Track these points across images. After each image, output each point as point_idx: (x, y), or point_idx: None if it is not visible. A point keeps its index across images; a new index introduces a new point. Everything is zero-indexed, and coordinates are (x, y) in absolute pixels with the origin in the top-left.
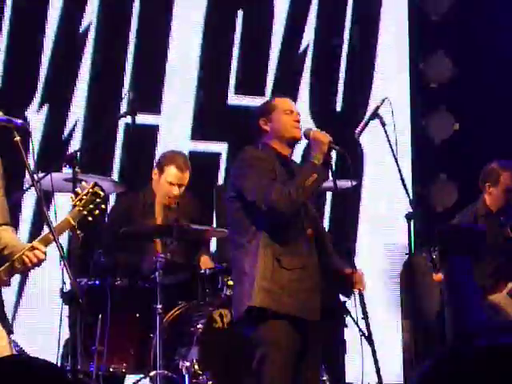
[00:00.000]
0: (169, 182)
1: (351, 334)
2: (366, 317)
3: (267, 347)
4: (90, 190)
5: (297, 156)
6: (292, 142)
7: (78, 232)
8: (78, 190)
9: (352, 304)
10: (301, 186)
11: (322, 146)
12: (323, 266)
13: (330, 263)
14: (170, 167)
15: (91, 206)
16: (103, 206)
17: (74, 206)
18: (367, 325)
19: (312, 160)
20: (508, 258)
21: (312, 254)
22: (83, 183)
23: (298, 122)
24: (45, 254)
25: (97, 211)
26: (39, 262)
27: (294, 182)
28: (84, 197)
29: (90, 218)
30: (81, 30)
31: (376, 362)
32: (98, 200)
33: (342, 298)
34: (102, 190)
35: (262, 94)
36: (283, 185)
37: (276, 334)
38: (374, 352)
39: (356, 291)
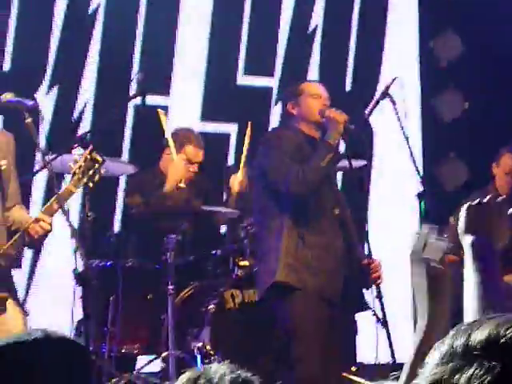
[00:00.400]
0: (188, 160)
1: (363, 315)
2: (383, 312)
3: (292, 323)
4: (88, 157)
5: None
6: (317, 127)
7: (89, 214)
8: (75, 157)
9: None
10: (315, 166)
11: (338, 125)
12: (347, 250)
13: (354, 251)
14: (188, 146)
15: (90, 173)
16: (102, 171)
17: (74, 174)
18: (384, 318)
19: (328, 140)
20: None
21: (337, 235)
22: (80, 149)
23: (325, 106)
24: (50, 224)
25: (96, 177)
26: (45, 233)
27: (309, 163)
28: (82, 163)
29: (90, 184)
30: (90, 11)
31: (390, 343)
32: (96, 165)
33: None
34: (100, 155)
35: (271, 74)
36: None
37: (300, 311)
38: (388, 334)
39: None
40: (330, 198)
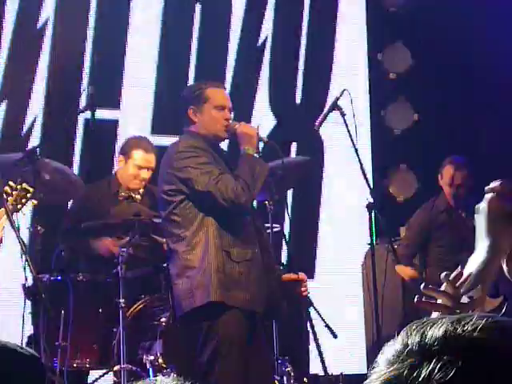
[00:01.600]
0: (138, 166)
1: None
2: (310, 320)
3: (221, 341)
4: (19, 187)
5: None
6: (217, 141)
7: (39, 228)
8: (6, 188)
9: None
10: (254, 178)
11: (251, 138)
12: (265, 262)
13: (270, 261)
14: (137, 151)
15: (22, 201)
16: (34, 201)
17: (6, 201)
18: (312, 329)
19: (248, 152)
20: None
21: (256, 246)
22: (10, 182)
23: (228, 120)
24: None
25: (28, 205)
26: None
27: (245, 174)
28: (14, 192)
29: (23, 212)
30: (38, 25)
31: (320, 352)
32: (28, 195)
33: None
34: (31, 186)
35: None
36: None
37: (230, 328)
38: (317, 344)
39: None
40: (247, 210)
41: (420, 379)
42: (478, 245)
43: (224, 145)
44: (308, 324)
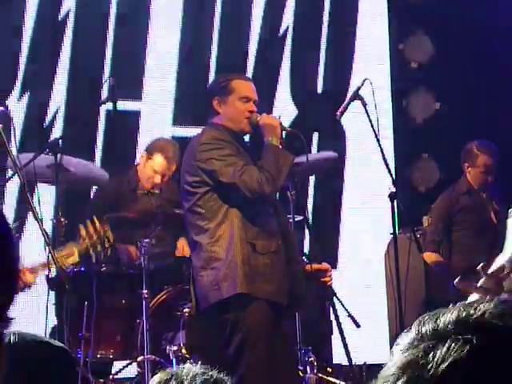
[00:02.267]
0: (154, 170)
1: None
2: (335, 311)
3: (248, 332)
4: (102, 233)
5: None
6: (240, 132)
7: (62, 219)
8: (88, 226)
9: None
10: (278, 168)
11: (274, 129)
12: (288, 254)
13: (294, 253)
14: (158, 155)
15: (98, 248)
16: (108, 252)
17: (83, 239)
18: (337, 319)
19: (272, 143)
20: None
21: (279, 238)
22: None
23: (252, 112)
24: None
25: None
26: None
27: (269, 165)
28: (94, 235)
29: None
30: (60, 17)
31: (344, 343)
32: (106, 244)
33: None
34: (113, 235)
35: None
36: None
37: (257, 319)
38: (342, 334)
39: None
40: (270, 201)
41: (436, 359)
42: (506, 248)
43: (247, 136)
44: (332, 314)
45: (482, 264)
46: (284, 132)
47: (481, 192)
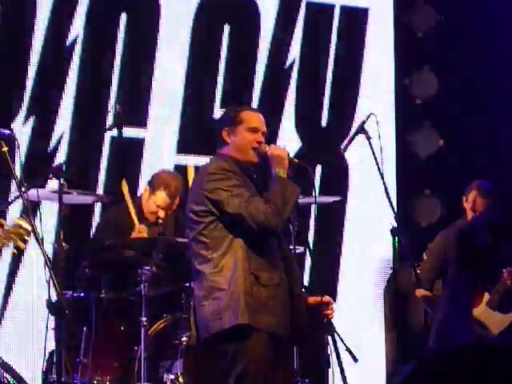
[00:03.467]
0: (157, 205)
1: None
2: (335, 344)
3: (249, 364)
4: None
5: None
6: (248, 163)
7: (63, 244)
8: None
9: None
10: (284, 201)
11: (282, 161)
12: (291, 288)
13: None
14: (161, 192)
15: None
16: (27, 239)
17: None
18: (337, 354)
19: (279, 175)
20: (485, 270)
21: (283, 270)
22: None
23: (260, 143)
24: None
25: (24, 243)
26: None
27: (276, 197)
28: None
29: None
30: (68, 42)
31: (344, 377)
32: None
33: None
34: (30, 223)
35: None
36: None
37: (258, 351)
38: (341, 368)
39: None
40: (275, 234)
41: None
42: None
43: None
44: (332, 347)
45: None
46: (292, 164)
47: None
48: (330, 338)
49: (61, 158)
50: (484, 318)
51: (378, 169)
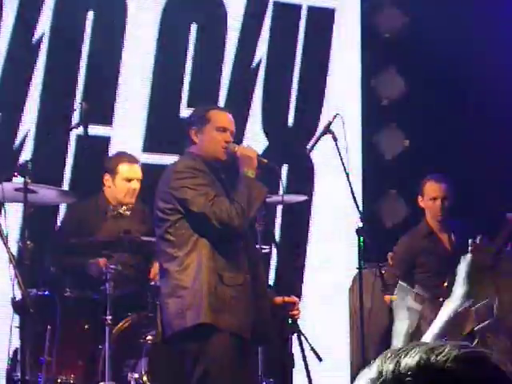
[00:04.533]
0: (126, 179)
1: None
2: (301, 344)
3: (210, 363)
4: None
5: None
6: (215, 162)
7: (28, 242)
8: None
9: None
10: (250, 201)
11: (251, 161)
12: (254, 287)
13: (264, 287)
14: (122, 165)
15: None
16: None
17: None
18: (303, 353)
19: (247, 175)
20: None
21: (247, 271)
22: None
23: (229, 142)
24: None
25: None
26: None
27: (241, 198)
28: None
29: None
30: (34, 40)
31: (309, 376)
32: None
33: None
34: None
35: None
36: (228, 198)
37: (220, 350)
38: (307, 368)
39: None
40: (240, 234)
41: None
42: (455, 291)
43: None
44: (298, 347)
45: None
46: (261, 164)
47: (442, 233)
48: (294, 337)
49: (26, 155)
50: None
51: (344, 169)
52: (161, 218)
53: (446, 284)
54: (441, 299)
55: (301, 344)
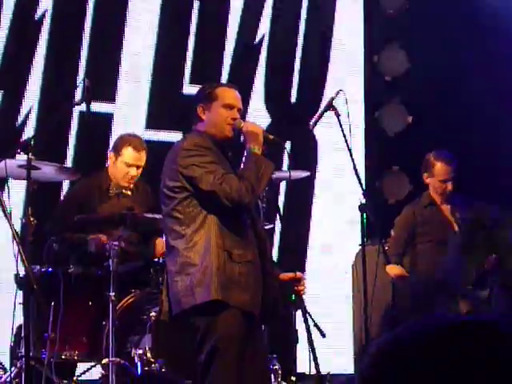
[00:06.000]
0: (126, 163)
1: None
2: (306, 320)
3: (220, 340)
4: None
5: None
6: (223, 139)
7: (32, 219)
8: None
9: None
10: (257, 176)
11: (257, 137)
12: (262, 264)
13: (271, 265)
14: (126, 148)
15: None
16: None
17: None
18: (307, 328)
19: (254, 151)
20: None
21: (255, 248)
22: None
23: (235, 119)
24: None
25: None
26: None
27: (249, 174)
28: None
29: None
30: (36, 17)
31: (313, 351)
32: None
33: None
34: None
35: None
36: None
37: (229, 327)
38: (311, 342)
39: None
40: (248, 211)
41: None
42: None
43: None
44: (303, 323)
45: None
46: (268, 140)
47: (444, 204)
48: (299, 313)
49: (29, 132)
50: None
51: (347, 145)
52: (168, 196)
53: None
54: None
55: (306, 320)
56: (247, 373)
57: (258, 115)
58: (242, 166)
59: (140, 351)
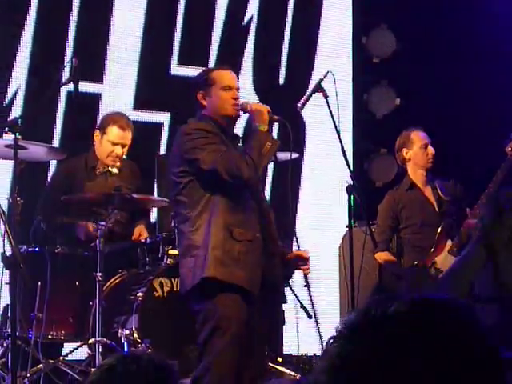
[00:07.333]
0: (111, 142)
1: (289, 306)
2: (311, 300)
3: (219, 320)
4: None
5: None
6: (229, 120)
7: (18, 198)
8: None
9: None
10: (260, 153)
11: (263, 115)
12: (264, 242)
13: (275, 245)
14: (112, 127)
15: None
16: None
17: None
18: (313, 308)
19: (259, 128)
20: (447, 221)
21: (258, 227)
22: None
23: (236, 98)
24: None
25: None
26: None
27: (252, 150)
28: None
29: None
30: None
31: (320, 335)
32: None
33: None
34: None
35: (205, 64)
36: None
37: (229, 307)
38: (317, 325)
39: (300, 272)
40: (253, 193)
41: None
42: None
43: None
44: (294, 303)
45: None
46: (271, 120)
47: (425, 186)
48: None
49: (16, 112)
50: (442, 265)
51: (335, 127)
52: (175, 182)
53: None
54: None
55: (297, 300)
56: (246, 351)
57: (246, 96)
58: (246, 143)
59: (127, 331)
